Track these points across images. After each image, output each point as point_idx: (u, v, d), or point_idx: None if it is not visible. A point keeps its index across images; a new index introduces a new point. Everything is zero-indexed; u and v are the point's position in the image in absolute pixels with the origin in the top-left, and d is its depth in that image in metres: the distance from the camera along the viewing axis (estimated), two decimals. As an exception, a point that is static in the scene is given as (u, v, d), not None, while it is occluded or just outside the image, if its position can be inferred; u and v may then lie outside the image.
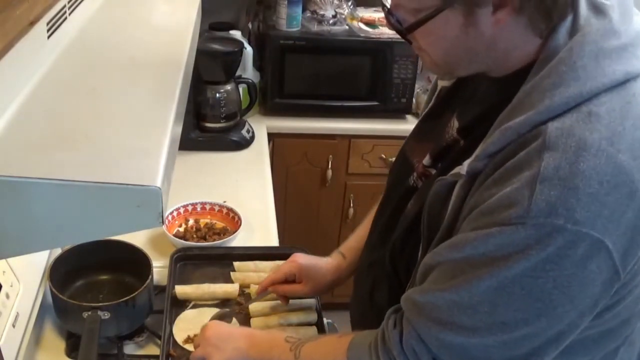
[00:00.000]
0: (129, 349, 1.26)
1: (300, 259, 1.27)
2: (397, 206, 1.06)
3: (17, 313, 1.14)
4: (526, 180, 0.74)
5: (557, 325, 0.79)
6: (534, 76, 0.80)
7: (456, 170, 0.85)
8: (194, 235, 1.56)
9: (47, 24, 0.87)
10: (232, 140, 2.10)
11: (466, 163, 0.83)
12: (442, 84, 1.07)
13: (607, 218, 0.73)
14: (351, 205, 2.45)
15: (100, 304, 1.20)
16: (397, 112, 2.38)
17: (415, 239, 0.95)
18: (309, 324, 1.28)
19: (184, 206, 1.64)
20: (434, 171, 0.99)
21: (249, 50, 2.25)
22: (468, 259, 0.79)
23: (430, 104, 1.09)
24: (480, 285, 0.78)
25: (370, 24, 2.36)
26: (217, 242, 1.52)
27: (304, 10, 2.31)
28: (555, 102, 0.76)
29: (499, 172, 0.79)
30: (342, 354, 0.96)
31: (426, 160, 1.01)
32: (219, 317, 1.26)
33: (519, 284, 0.76)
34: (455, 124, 0.98)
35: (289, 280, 1.27)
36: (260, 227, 1.67)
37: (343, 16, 2.33)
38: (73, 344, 1.24)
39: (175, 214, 1.61)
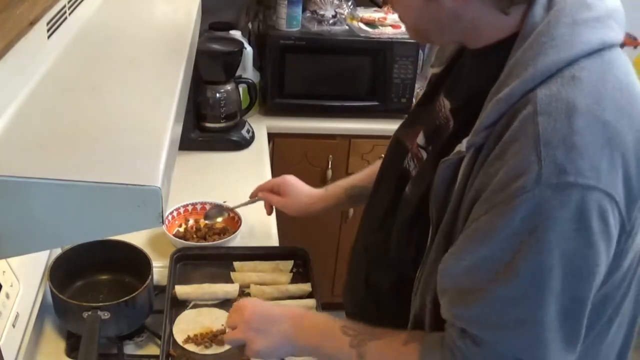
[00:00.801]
0: (129, 349, 1.26)
1: (289, 176, 1.44)
2: (394, 189, 1.06)
3: (17, 313, 1.14)
4: (529, 147, 0.76)
5: (594, 286, 0.81)
6: (517, 51, 0.84)
7: (457, 148, 0.87)
8: (194, 235, 1.56)
9: (47, 24, 0.87)
10: (232, 140, 2.10)
11: (465, 140, 0.85)
12: (432, 70, 1.10)
13: (608, 172, 0.77)
14: (351, 205, 2.45)
15: (100, 304, 1.20)
16: (397, 112, 2.37)
17: (423, 224, 0.94)
18: (309, 324, 1.28)
19: (184, 206, 1.64)
20: (425, 153, 1.01)
21: (249, 50, 2.25)
22: (500, 249, 0.79)
23: (422, 92, 1.13)
24: (523, 270, 0.79)
25: (370, 24, 2.36)
26: (217, 242, 1.52)
27: (304, 10, 2.31)
28: (538, 70, 0.80)
29: (499, 147, 0.80)
30: None
31: (420, 139, 1.03)
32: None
33: (557, 253, 0.77)
34: (445, 103, 1.00)
35: (274, 191, 1.44)
36: (260, 227, 1.67)
37: (343, 16, 2.33)
38: (73, 344, 1.24)
39: (175, 214, 1.61)
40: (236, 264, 1.42)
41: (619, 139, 0.78)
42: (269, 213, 1.47)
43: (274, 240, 1.63)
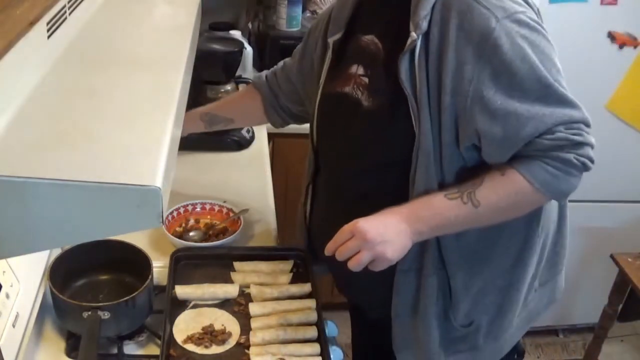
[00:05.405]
0: (129, 349, 1.26)
1: None
2: (348, 117, 1.24)
3: (17, 313, 1.14)
4: (477, 7, 1.04)
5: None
6: None
7: (409, 40, 1.08)
8: (194, 235, 1.56)
9: (47, 24, 0.87)
10: (232, 140, 2.10)
11: (412, 32, 1.07)
12: (333, 39, 1.26)
13: (527, 6, 1.11)
14: (351, 205, 2.44)
15: (100, 304, 1.20)
16: (397, 112, 2.38)
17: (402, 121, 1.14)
18: (309, 324, 1.28)
19: (184, 206, 1.64)
20: (366, 79, 1.19)
21: (249, 50, 2.25)
22: (526, 73, 1.04)
23: (329, 58, 1.28)
24: (543, 72, 1.05)
25: (370, 24, 2.36)
26: (217, 242, 1.52)
27: (304, 10, 2.31)
28: None
29: (454, 23, 1.05)
30: (520, 182, 1.08)
31: (359, 70, 1.21)
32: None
33: (540, 51, 1.07)
34: (368, 37, 1.20)
35: None
36: (260, 227, 1.67)
37: (343, 16, 2.33)
38: (73, 344, 1.24)
39: (175, 214, 1.61)
40: (236, 264, 1.42)
41: None
42: None
43: (274, 240, 1.63)
